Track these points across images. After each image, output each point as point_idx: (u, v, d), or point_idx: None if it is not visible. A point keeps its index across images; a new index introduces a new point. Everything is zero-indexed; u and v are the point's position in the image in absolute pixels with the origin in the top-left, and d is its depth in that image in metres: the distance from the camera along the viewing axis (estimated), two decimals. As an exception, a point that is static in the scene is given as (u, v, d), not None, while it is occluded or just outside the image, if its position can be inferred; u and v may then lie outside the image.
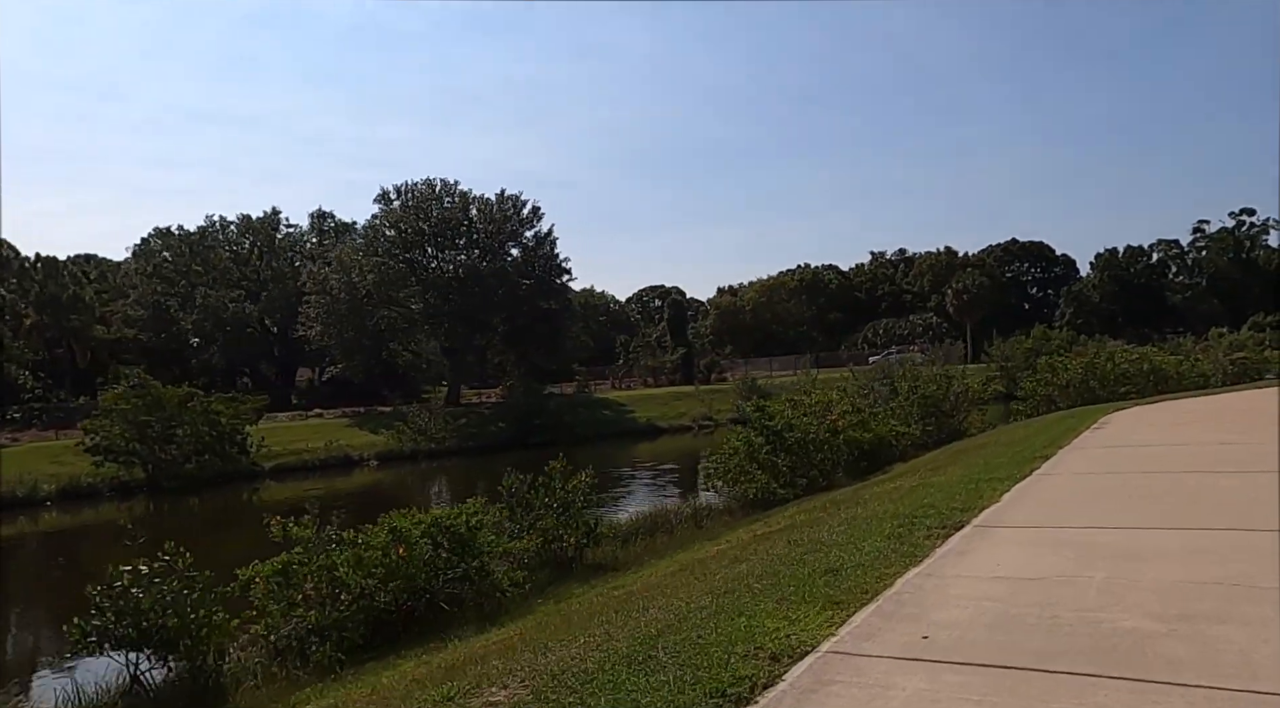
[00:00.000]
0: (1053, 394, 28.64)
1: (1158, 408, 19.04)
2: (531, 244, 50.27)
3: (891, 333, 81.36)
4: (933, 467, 13.20)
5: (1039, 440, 13.41)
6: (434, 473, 35.97)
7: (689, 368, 62.75)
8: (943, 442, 23.15)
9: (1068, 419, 17.31)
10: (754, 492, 15.10)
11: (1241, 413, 16.01)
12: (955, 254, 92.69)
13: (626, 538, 13.02)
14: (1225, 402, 19.21)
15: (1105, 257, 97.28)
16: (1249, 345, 40.43)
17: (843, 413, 18.78)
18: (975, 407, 25.13)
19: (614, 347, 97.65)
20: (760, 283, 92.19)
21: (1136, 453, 10.78)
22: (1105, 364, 29.99)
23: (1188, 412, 17.15)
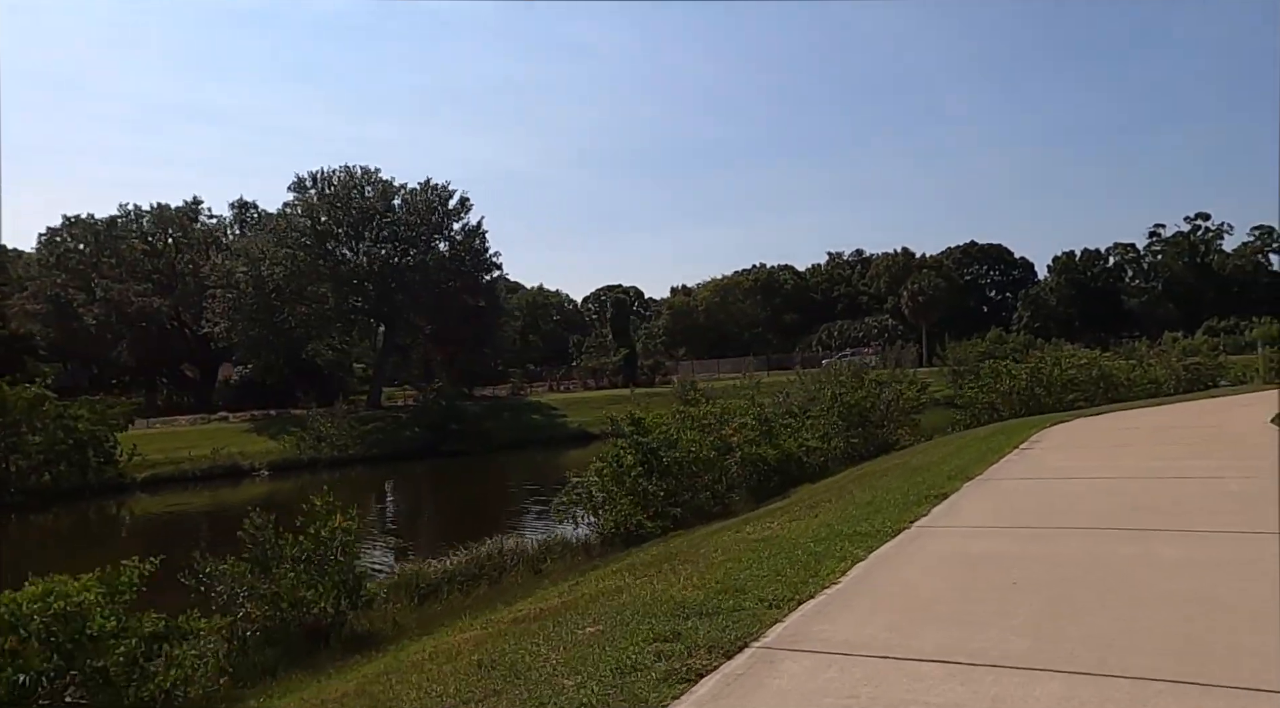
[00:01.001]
0: (995, 402, 26.36)
1: (1102, 420, 16.71)
2: (459, 238, 47.21)
3: (846, 335, 79.44)
4: (816, 501, 10.59)
5: (949, 466, 10.87)
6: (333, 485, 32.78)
7: (632, 370, 60.11)
8: (870, 455, 20.69)
9: (997, 436, 14.86)
10: (611, 525, 12.42)
11: (1193, 430, 13.66)
12: (913, 255, 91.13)
13: (433, 590, 10.27)
14: (1176, 414, 16.93)
15: (1062, 260, 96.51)
16: (1203, 350, 38.65)
17: (741, 426, 16.17)
18: (909, 416, 22.71)
19: (568, 347, 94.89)
20: (714, 282, 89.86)
21: (1055, 493, 8.24)
22: (1052, 370, 27.81)
23: (1133, 427, 14.80)
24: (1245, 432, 12.96)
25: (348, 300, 42.31)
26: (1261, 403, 19.24)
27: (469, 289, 46.84)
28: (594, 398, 50.76)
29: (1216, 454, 10.20)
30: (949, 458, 12.31)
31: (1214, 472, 8.77)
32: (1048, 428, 15.62)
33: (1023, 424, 17.17)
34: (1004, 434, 15.10)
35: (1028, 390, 26.53)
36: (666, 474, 13.46)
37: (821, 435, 19.96)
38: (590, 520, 13.42)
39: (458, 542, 15.00)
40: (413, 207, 45.07)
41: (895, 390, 22.77)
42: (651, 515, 12.84)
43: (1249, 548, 5.39)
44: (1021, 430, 15.34)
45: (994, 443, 13.47)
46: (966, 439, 15.76)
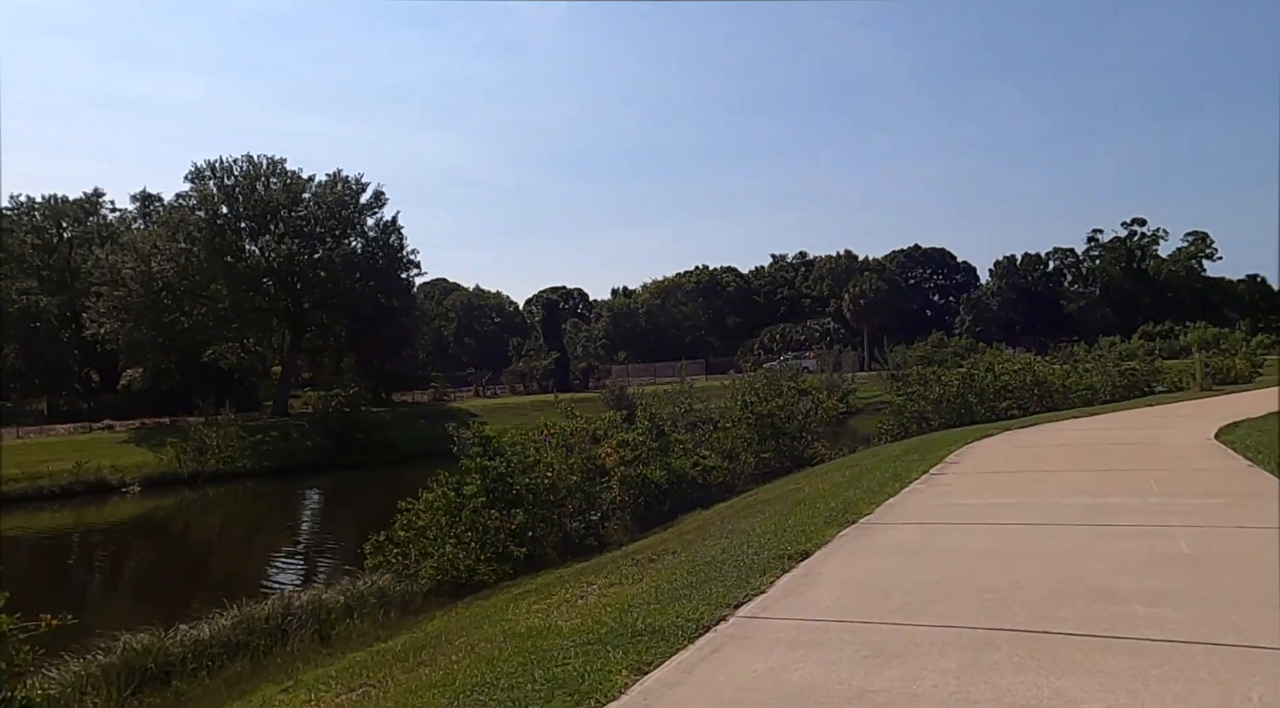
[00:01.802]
0: (926, 411, 24.60)
1: (1032, 434, 14.87)
2: (374, 234, 44.24)
3: (788, 338, 78.01)
4: (668, 547, 8.40)
5: (838, 500, 8.78)
6: (214, 502, 29.80)
7: (564, 374, 57.64)
8: (784, 470, 18.65)
9: (911, 454, 12.87)
10: (433, 572, 10.01)
11: (1129, 448, 11.80)
12: (855, 258, 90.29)
13: (164, 673, 7.81)
14: (1111, 427, 15.18)
15: (1004, 264, 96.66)
16: (1139, 355, 37.64)
17: (621, 443, 13.93)
18: (830, 427, 20.79)
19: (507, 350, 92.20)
20: (655, 284, 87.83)
21: (943, 557, 6.12)
22: (984, 376, 26.19)
23: (1063, 442, 12.94)
24: (1187, 450, 11.15)
25: (247, 299, 39.04)
26: (1200, 414, 17.71)
27: (385, 289, 43.90)
28: (519, 404, 48.27)
29: (1158, 485, 8.25)
30: (845, 486, 10.22)
31: (1157, 515, 6.76)
32: (971, 444, 13.70)
33: (945, 439, 15.26)
34: (920, 452, 13.12)
35: (959, 398, 24.84)
36: (519, 504, 11.15)
37: (727, 450, 17.84)
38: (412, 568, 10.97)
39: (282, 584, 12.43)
40: (321, 200, 41.98)
41: (814, 399, 20.77)
42: (493, 556, 10.48)
43: (1228, 686, 3.28)
44: (940, 447, 13.40)
45: (904, 465, 11.45)
46: (879, 457, 13.74)
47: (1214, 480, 8.43)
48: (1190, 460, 10.06)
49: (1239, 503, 7.03)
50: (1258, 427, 13.47)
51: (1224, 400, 21.15)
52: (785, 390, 21.59)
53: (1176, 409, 18.86)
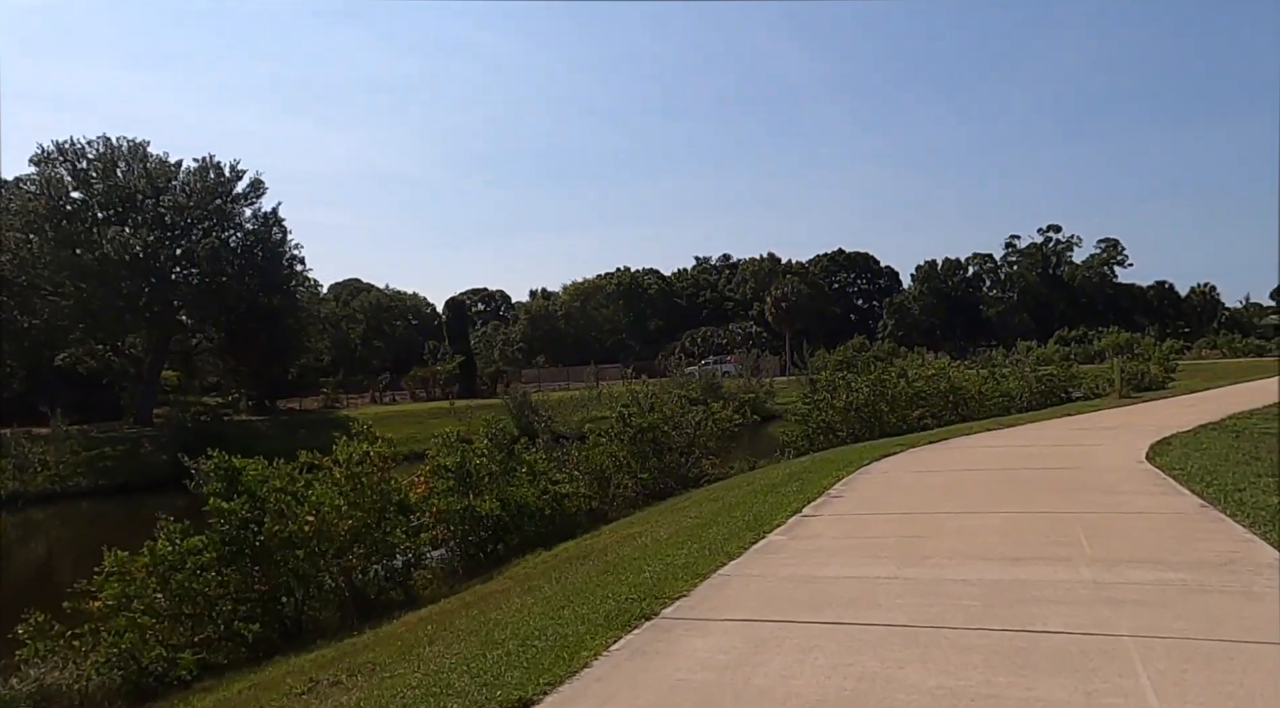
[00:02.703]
0: (832, 421, 22.49)
1: (938, 454, 12.68)
2: (252, 226, 40.31)
3: (710, 342, 76.13)
4: (372, 659, 5.69)
5: (664, 563, 6.28)
6: (33, 528, 25.84)
7: (470, 379, 54.38)
8: (666, 492, 16.17)
9: (791, 483, 10.49)
10: (100, 668, 7.09)
11: (1050, 475, 9.59)
12: (779, 260, 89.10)
13: None
14: (1029, 444, 13.10)
15: (925, 269, 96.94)
16: (1055, 360, 36.52)
17: (436, 470, 11.21)
18: (738, 436, 18.43)
19: (422, 353, 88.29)
20: (575, 286, 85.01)
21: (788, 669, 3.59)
22: (897, 383, 24.26)
23: (972, 467, 10.73)
24: (1119, 478, 9.01)
25: (97, 296, 34.69)
26: (1125, 425, 15.92)
27: (265, 286, 39.98)
28: (415, 412, 44.90)
29: (1091, 542, 5.95)
30: (686, 536, 7.72)
31: (1096, 613, 4.37)
32: (868, 466, 11.38)
33: (841, 458, 12.95)
34: (804, 478, 10.74)
35: (870, 407, 22.81)
36: (265, 560, 8.32)
37: (597, 471, 15.24)
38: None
39: None
40: (190, 188, 37.87)
41: (707, 409, 18.34)
42: (217, 637, 7.63)
43: None
44: (832, 469, 11.04)
45: (776, 500, 9.02)
46: (754, 487, 11.30)
47: (1164, 533, 6.16)
48: (1125, 495, 7.86)
49: (1212, 585, 4.71)
50: (1194, 445, 11.51)
51: (1144, 409, 19.54)
52: (676, 397, 19.14)
53: (1098, 420, 17.04)
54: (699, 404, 18.89)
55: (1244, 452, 11.04)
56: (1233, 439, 12.55)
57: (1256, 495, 7.31)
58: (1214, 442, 12.02)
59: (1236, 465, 9.71)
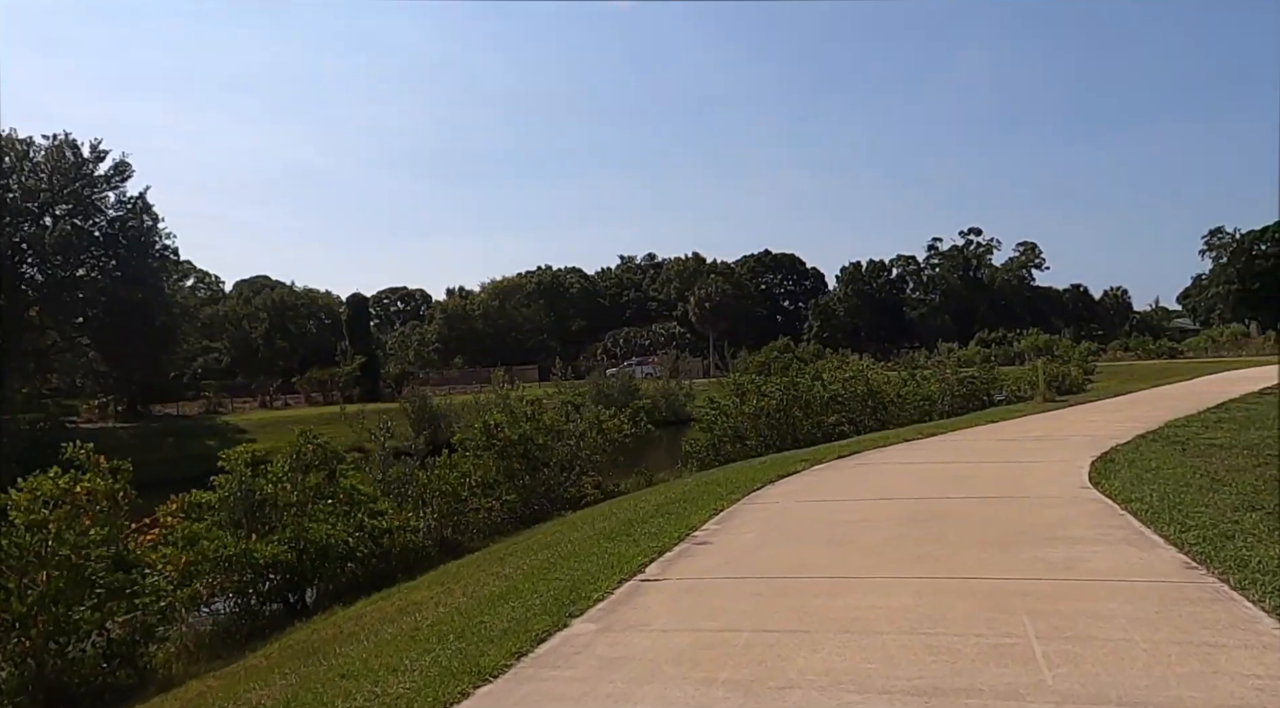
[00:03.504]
0: (741, 427, 20.41)
1: (846, 473, 10.57)
2: (115, 213, 36.28)
3: (634, 343, 73.96)
4: None
5: (415, 676, 3.76)
6: None
7: (374, 381, 50.93)
8: (542, 515, 13.75)
9: (655, 518, 8.19)
10: None
11: (976, 507, 7.46)
12: (704, 260, 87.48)
13: None
14: (951, 462, 11.09)
15: (850, 270, 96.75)
16: (977, 362, 35.33)
17: (189, 507, 8.58)
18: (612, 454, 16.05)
19: (334, 355, 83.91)
20: (494, 284, 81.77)
21: None
22: (811, 386, 22.36)
23: (884, 490, 8.58)
24: (1063, 513, 6.97)
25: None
26: (1054, 435, 14.14)
27: (130, 280, 35.99)
28: (305, 417, 41.29)
29: (1045, 641, 3.77)
30: (463, 621, 5.30)
31: None
32: (753, 495, 9.17)
33: (729, 480, 10.73)
34: (671, 513, 8.44)
35: (782, 412, 20.82)
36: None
37: (449, 493, 12.70)
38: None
39: None
40: (39, 169, 33.74)
41: (593, 418, 15.95)
42: None
43: None
44: (708, 501, 8.78)
45: (617, 553, 6.68)
46: (612, 522, 8.94)
47: (1156, 631, 3.99)
48: (1080, 546, 5.75)
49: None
50: (1140, 463, 9.64)
51: (1072, 415, 17.94)
52: (560, 404, 16.73)
53: (1026, 427, 15.27)
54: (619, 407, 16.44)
55: (1201, 472, 9.20)
56: (1180, 454, 10.79)
57: (1256, 549, 5.29)
58: (1162, 458, 10.21)
59: (1202, 493, 7.80)
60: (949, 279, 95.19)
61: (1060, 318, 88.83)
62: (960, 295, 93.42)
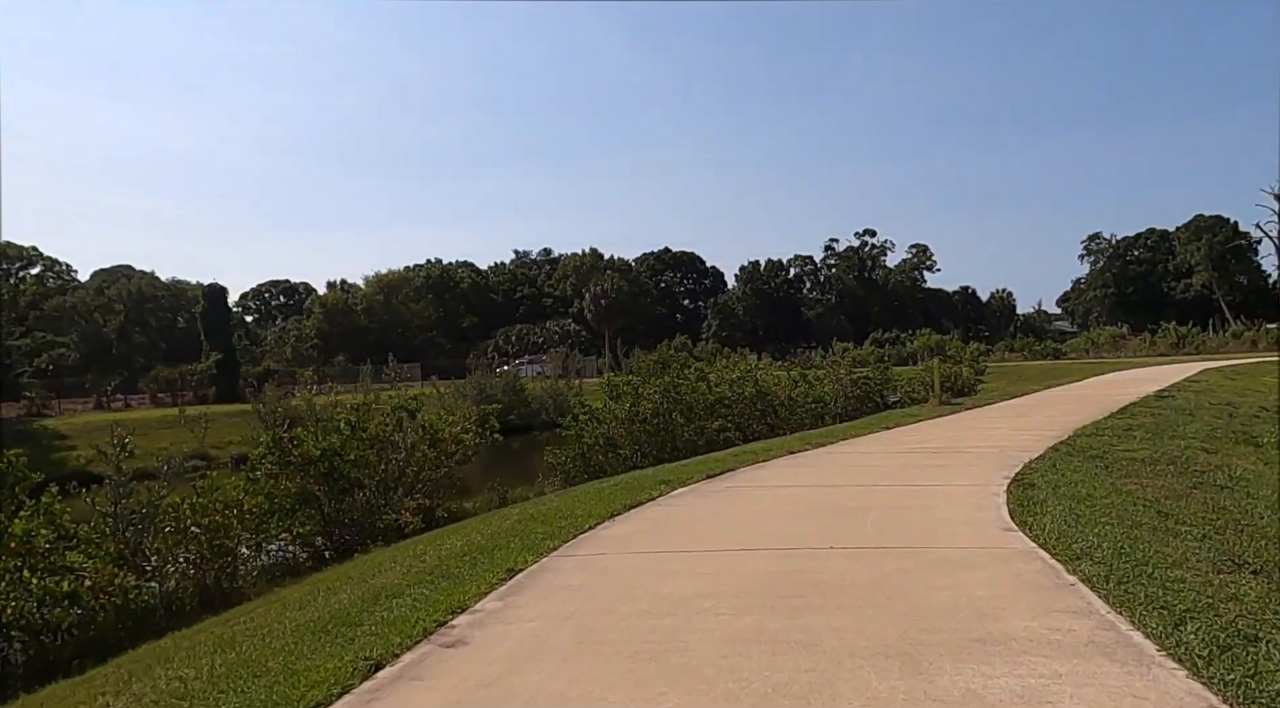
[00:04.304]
0: (614, 435, 18.07)
1: (705, 507, 8.30)
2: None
3: (526, 340, 70.94)
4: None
5: None
6: None
7: (233, 380, 46.35)
8: (348, 549, 11.00)
9: (429, 582, 5.67)
10: None
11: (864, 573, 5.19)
12: (601, 256, 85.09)
13: None
14: (835, 479, 8.96)
15: (748, 270, 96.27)
16: (871, 362, 34.16)
17: None
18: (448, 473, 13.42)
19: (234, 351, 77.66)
20: (379, 277, 77.17)
21: None
22: (696, 387, 20.26)
23: (747, 541, 6.28)
24: (986, 580, 4.81)
25: None
26: (955, 446, 12.30)
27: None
28: (144, 420, 36.97)
29: None
30: None
31: None
32: (574, 542, 6.81)
33: (552, 515, 8.34)
34: (447, 577, 5.94)
35: (661, 417, 18.63)
36: None
37: (210, 528, 9.81)
38: None
39: None
40: None
41: (425, 428, 13.22)
42: None
43: None
44: (502, 559, 6.40)
45: (310, 675, 4.10)
46: (371, 587, 6.37)
47: None
48: (1034, 674, 3.52)
49: None
50: (1066, 489, 7.74)
51: (971, 421, 16.35)
52: (388, 412, 13.96)
53: (924, 436, 13.46)
54: (416, 416, 13.68)
55: (1140, 501, 7.35)
56: (1105, 473, 9.01)
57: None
58: (1086, 479, 8.37)
59: (1159, 537, 5.85)
60: (845, 280, 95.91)
61: (950, 319, 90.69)
62: (856, 296, 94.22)
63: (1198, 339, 54.32)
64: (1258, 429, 14.71)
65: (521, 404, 44.61)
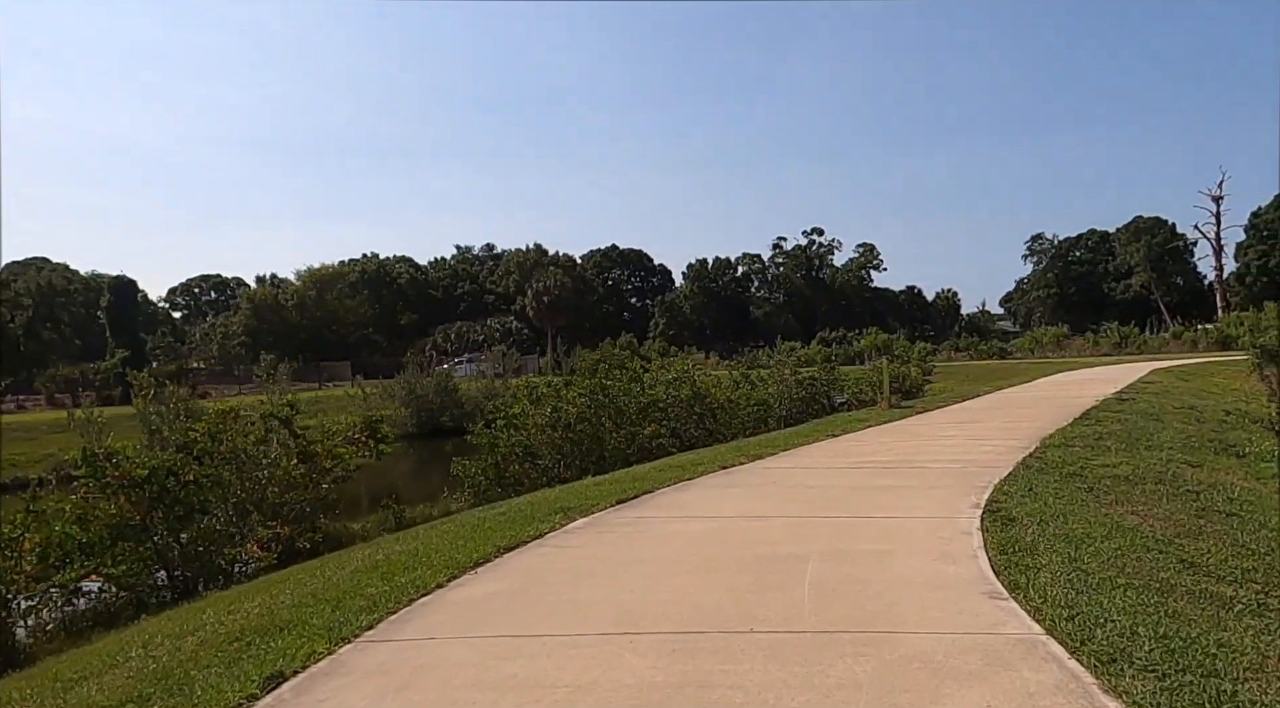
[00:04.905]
0: (534, 443, 16.17)
1: (598, 552, 6.49)
2: None
3: (466, 338, 68.42)
4: None
5: None
6: None
7: (141, 380, 43.00)
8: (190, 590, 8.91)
9: (220, 654, 3.70)
10: None
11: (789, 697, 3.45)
12: (545, 252, 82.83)
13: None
14: (767, 511, 7.17)
15: (696, 267, 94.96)
16: (818, 361, 32.79)
17: None
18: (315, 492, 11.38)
19: (143, 348, 73.62)
20: (311, 272, 73.80)
21: None
22: (629, 389, 18.46)
23: (640, 614, 4.49)
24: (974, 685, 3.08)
25: None
26: (910, 460, 10.62)
27: None
28: (32, 423, 33.97)
29: None
30: None
31: None
32: (402, 615, 4.88)
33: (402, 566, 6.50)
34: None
35: (588, 422, 16.78)
36: None
37: None
38: None
39: None
40: None
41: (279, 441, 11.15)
42: None
43: None
44: (282, 651, 4.39)
45: None
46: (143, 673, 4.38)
47: None
48: None
49: None
50: (1057, 527, 6.11)
51: (925, 427, 14.84)
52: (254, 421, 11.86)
53: (873, 447, 11.86)
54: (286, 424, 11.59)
55: (1156, 545, 5.75)
56: (1094, 501, 7.45)
57: None
58: (1078, 511, 6.78)
59: (1211, 611, 4.20)
60: (793, 278, 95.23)
61: (896, 318, 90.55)
62: (803, 295, 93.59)
63: (1140, 340, 54.41)
64: (1232, 437, 13.50)
65: (455, 406, 42.37)
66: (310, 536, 9.95)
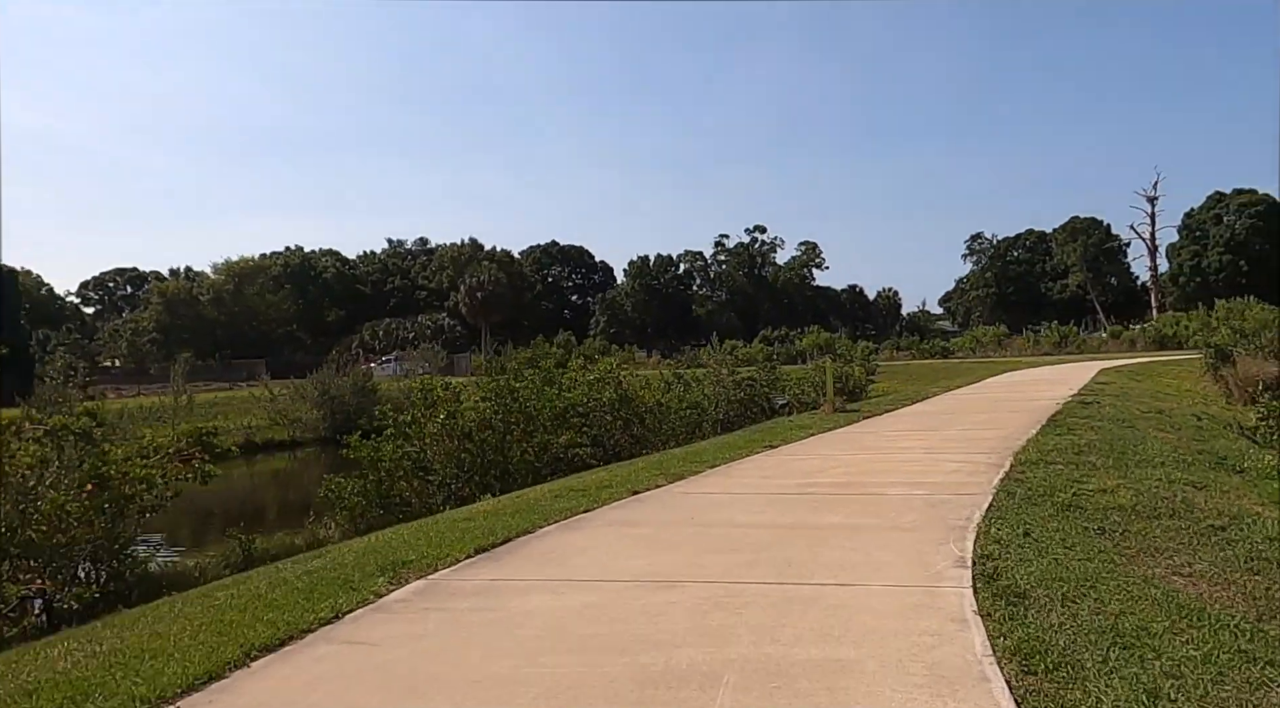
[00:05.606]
0: (427, 460, 13.86)
1: (425, 648, 4.30)
2: None
3: (395, 335, 65.22)
4: None
5: None
6: None
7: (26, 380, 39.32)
8: None
9: None
10: None
11: None
12: (481, 247, 79.83)
13: None
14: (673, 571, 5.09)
15: (637, 265, 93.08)
16: (760, 360, 31.00)
17: None
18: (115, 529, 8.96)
19: (46, 345, 68.67)
20: (229, 265, 69.64)
21: None
22: (542, 392, 16.25)
23: None
24: None
25: None
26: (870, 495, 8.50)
27: None
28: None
29: None
30: None
31: None
32: None
33: (156, 652, 4.08)
34: None
35: (490, 430, 14.54)
36: None
37: None
38: None
39: None
40: None
41: (67, 464, 8.69)
42: None
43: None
44: None
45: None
46: None
47: None
48: None
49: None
50: (1090, 611, 4.07)
51: (873, 437, 12.95)
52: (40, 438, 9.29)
53: (819, 464, 9.86)
54: (84, 437, 9.08)
55: (1227, 634, 3.79)
56: (1105, 543, 5.53)
57: None
58: (1107, 577, 4.80)
59: None
60: (735, 276, 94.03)
61: (838, 317, 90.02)
62: (746, 293, 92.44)
63: (1079, 339, 54.23)
64: (1219, 447, 11.93)
65: (374, 407, 39.42)
66: (81, 591, 7.49)
